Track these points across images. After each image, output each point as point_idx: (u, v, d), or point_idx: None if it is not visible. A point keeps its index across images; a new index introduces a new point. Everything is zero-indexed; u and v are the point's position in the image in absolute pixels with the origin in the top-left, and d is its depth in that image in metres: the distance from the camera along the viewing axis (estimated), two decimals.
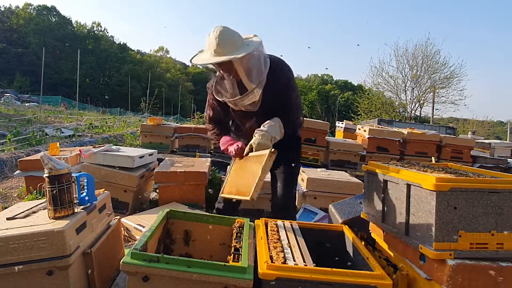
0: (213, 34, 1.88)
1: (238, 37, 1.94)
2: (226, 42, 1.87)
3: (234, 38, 1.91)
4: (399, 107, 22.00)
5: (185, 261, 1.27)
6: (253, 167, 1.82)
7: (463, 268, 1.28)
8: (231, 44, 1.88)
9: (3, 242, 1.35)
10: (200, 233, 1.83)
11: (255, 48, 1.92)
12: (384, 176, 1.69)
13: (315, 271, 1.34)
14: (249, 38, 2.01)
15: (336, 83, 56.96)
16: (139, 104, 26.92)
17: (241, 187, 1.87)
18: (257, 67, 1.96)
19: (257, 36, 2.03)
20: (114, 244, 1.94)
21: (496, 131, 26.41)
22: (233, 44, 1.88)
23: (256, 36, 2.03)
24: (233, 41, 1.89)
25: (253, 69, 1.95)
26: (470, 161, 6.14)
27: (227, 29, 1.91)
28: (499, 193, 1.35)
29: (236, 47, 1.88)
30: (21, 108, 16.52)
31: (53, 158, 1.54)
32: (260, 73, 1.97)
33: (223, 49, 1.86)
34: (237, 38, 1.93)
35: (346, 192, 3.30)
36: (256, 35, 2.03)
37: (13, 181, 4.31)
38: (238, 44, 1.91)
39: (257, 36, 2.03)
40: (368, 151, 6.04)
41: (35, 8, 48.14)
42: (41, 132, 8.45)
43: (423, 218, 1.40)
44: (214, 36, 1.87)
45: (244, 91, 2.00)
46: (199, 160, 3.79)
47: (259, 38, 2.01)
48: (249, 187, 1.72)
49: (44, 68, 13.67)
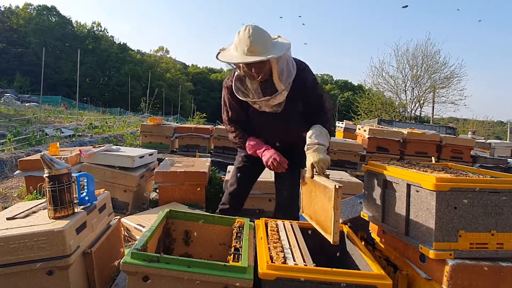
0: (245, 32, 1.85)
1: (269, 36, 1.94)
2: (259, 41, 1.85)
3: (266, 37, 1.90)
4: (399, 107, 21.99)
5: (185, 261, 1.27)
6: (324, 200, 1.68)
7: (463, 268, 1.28)
8: (263, 43, 1.86)
9: (3, 242, 1.34)
10: (200, 233, 1.83)
11: (288, 48, 1.92)
12: (384, 176, 1.69)
13: (315, 271, 1.34)
14: (275, 38, 2.00)
15: (336, 83, 56.99)
16: (139, 104, 26.92)
17: (320, 220, 1.77)
18: (287, 67, 1.96)
19: (281, 36, 2.02)
20: (114, 244, 1.94)
21: (496, 131, 26.41)
22: (265, 44, 1.87)
23: (281, 37, 2.02)
24: (265, 41, 1.88)
25: (284, 69, 1.94)
26: (470, 161, 6.14)
27: (259, 28, 1.90)
28: (499, 193, 1.35)
29: (268, 47, 1.88)
30: (21, 108, 16.52)
31: (53, 158, 1.54)
32: (289, 74, 1.96)
33: (256, 48, 1.84)
34: (268, 38, 1.92)
35: (346, 192, 3.29)
36: (281, 36, 2.03)
37: (13, 181, 4.31)
38: (270, 44, 1.90)
39: (282, 36, 2.02)
40: (368, 151, 6.04)
41: (35, 8, 48.14)
42: (41, 132, 8.45)
43: (423, 218, 1.40)
44: (247, 34, 1.84)
45: (268, 92, 1.98)
46: (199, 160, 3.80)
47: (286, 39, 2.01)
48: (328, 227, 1.65)
49: (44, 68, 13.67)
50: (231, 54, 1.94)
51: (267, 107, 2.05)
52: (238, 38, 1.88)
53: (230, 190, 2.38)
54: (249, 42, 1.84)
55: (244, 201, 2.46)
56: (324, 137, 1.97)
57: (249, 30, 1.85)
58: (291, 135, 2.20)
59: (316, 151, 1.88)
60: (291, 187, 2.28)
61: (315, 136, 1.95)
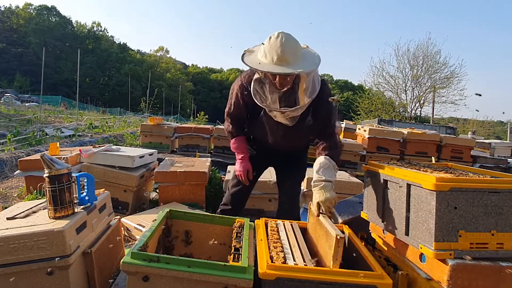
0: (277, 40, 1.78)
1: (300, 47, 1.88)
2: (291, 52, 1.79)
3: (297, 48, 1.85)
4: (400, 107, 21.99)
5: (185, 261, 1.27)
6: (325, 245, 1.61)
7: (463, 268, 1.28)
8: (294, 54, 1.80)
9: (3, 242, 1.35)
10: (200, 233, 1.83)
11: (319, 63, 1.87)
12: (384, 176, 1.69)
13: (315, 271, 1.34)
14: (304, 47, 1.94)
15: (336, 83, 56.99)
16: (139, 104, 26.91)
17: (320, 259, 1.66)
18: (313, 82, 1.90)
19: (309, 47, 1.97)
20: (114, 244, 1.94)
21: (496, 131, 26.39)
22: (295, 54, 1.81)
23: (309, 48, 1.97)
24: (296, 51, 1.82)
25: (310, 84, 1.88)
26: (470, 161, 6.14)
27: (292, 38, 1.83)
28: (499, 193, 1.35)
29: (298, 58, 1.82)
30: (21, 108, 16.53)
31: (53, 158, 1.54)
32: (314, 90, 1.91)
33: (287, 59, 1.77)
34: (299, 48, 1.86)
35: (346, 192, 3.30)
36: (309, 46, 1.98)
37: (13, 181, 4.31)
38: (300, 55, 1.84)
39: (309, 47, 1.97)
40: (368, 151, 6.04)
41: (35, 8, 48.14)
42: (41, 132, 8.45)
43: (423, 218, 1.40)
44: (279, 42, 1.78)
45: (287, 102, 1.90)
46: (199, 160, 3.80)
47: (314, 50, 1.96)
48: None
49: (44, 68, 13.66)
50: (258, 59, 1.86)
51: (282, 117, 1.99)
52: (269, 44, 1.81)
53: (232, 191, 2.37)
54: (280, 51, 1.76)
55: (246, 202, 2.45)
56: (331, 171, 1.88)
57: (281, 38, 1.78)
58: (293, 145, 2.21)
59: (323, 189, 1.79)
60: (291, 188, 2.29)
61: (322, 171, 1.86)
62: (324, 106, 2.01)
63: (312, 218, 1.85)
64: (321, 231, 1.67)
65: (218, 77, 63.28)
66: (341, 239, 1.46)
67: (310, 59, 1.87)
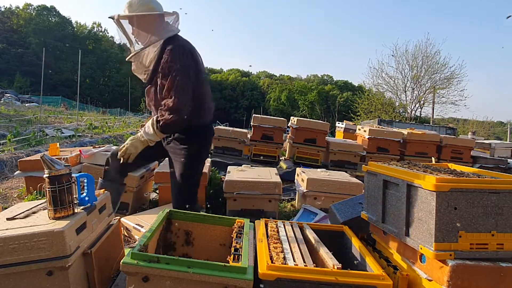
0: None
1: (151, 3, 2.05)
2: (132, 2, 2.03)
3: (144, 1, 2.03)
4: (399, 108, 21.99)
5: (185, 262, 1.27)
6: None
7: (463, 269, 1.28)
8: (134, 4, 2.03)
9: (3, 243, 1.34)
10: (200, 233, 1.83)
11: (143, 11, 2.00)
12: (384, 177, 1.69)
13: (315, 271, 1.34)
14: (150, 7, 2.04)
15: (336, 83, 57.03)
16: (139, 105, 26.93)
17: None
18: (148, 31, 2.03)
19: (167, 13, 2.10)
20: (114, 244, 1.94)
21: (496, 131, 26.40)
22: (136, 5, 2.03)
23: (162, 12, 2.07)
24: (138, 3, 2.03)
25: (142, 32, 2.04)
26: (470, 162, 6.14)
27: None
28: (499, 194, 1.35)
29: (134, 8, 2.02)
30: (21, 109, 16.52)
31: (53, 159, 1.54)
32: (147, 39, 2.03)
33: (124, 8, 2.04)
34: (147, 3, 2.04)
35: (346, 192, 3.30)
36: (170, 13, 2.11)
37: (13, 181, 4.31)
38: (141, 7, 2.03)
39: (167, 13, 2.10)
40: (368, 152, 6.04)
41: (35, 9, 48.17)
42: (41, 132, 8.45)
43: (423, 218, 1.40)
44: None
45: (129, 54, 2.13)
46: None
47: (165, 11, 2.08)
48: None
49: (44, 69, 13.68)
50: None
51: (135, 70, 2.13)
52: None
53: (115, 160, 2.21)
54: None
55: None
56: (145, 129, 2.02)
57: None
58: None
59: (130, 140, 2.07)
60: (173, 178, 2.14)
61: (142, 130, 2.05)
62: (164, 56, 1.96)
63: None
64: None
65: (218, 77, 63.23)
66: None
67: (143, 9, 2.00)
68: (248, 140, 6.03)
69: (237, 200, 3.15)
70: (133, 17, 1.99)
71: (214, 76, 63.74)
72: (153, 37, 2.00)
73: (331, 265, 1.42)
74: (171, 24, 2.09)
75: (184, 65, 1.93)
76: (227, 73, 66.08)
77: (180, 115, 1.91)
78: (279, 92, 51.21)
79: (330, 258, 1.50)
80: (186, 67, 1.94)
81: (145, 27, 2.01)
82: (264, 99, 54.77)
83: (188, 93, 1.94)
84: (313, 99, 46.37)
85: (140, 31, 2.03)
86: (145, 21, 2.00)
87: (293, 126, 6.01)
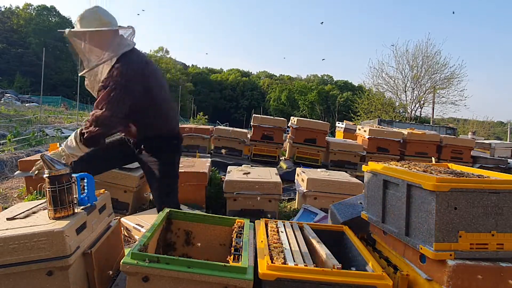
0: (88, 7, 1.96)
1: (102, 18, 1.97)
2: (83, 16, 1.96)
3: (94, 16, 1.95)
4: (399, 108, 21.98)
5: (185, 262, 1.27)
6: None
7: (464, 269, 1.28)
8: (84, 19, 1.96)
9: (3, 243, 1.34)
10: (200, 234, 1.83)
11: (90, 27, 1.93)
12: (384, 177, 1.69)
13: (315, 271, 1.34)
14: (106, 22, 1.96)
15: (336, 83, 57.03)
16: None
17: None
18: (98, 50, 1.95)
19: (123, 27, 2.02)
20: (114, 244, 1.94)
21: (496, 131, 26.39)
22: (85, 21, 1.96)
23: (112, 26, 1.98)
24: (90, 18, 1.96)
25: (93, 51, 1.95)
26: (470, 162, 6.14)
27: (99, 11, 1.97)
28: (499, 194, 1.35)
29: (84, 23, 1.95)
30: (21, 109, 16.52)
31: (53, 159, 1.54)
32: (96, 58, 1.94)
33: (76, 23, 1.99)
34: (98, 18, 1.96)
35: (346, 192, 3.30)
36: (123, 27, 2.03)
37: (13, 181, 4.31)
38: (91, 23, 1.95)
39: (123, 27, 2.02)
40: (368, 152, 6.04)
41: (35, 9, 48.14)
42: (41, 132, 8.46)
43: (423, 218, 1.40)
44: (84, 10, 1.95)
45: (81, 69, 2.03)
46: (199, 161, 3.80)
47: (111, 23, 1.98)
48: None
49: (44, 69, 13.68)
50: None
51: (88, 87, 2.03)
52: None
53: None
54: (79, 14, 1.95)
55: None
56: (67, 144, 1.90)
57: (92, 7, 1.95)
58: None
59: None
60: (152, 187, 2.19)
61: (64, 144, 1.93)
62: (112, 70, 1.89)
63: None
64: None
65: (218, 77, 63.25)
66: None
67: (96, 24, 1.92)
68: (248, 140, 6.04)
69: (237, 200, 3.15)
70: (86, 33, 1.91)
71: (214, 76, 63.75)
72: (107, 54, 1.90)
73: (331, 265, 1.42)
74: (125, 38, 2.00)
75: (128, 80, 1.85)
76: (227, 73, 66.08)
77: (107, 128, 1.85)
78: (279, 92, 51.22)
79: (330, 258, 1.50)
80: (130, 82, 1.86)
81: (99, 43, 1.92)
82: (264, 99, 54.77)
83: (122, 108, 1.85)
84: (313, 99, 46.36)
85: (93, 47, 1.93)
86: (99, 36, 1.91)
87: (293, 126, 6.01)
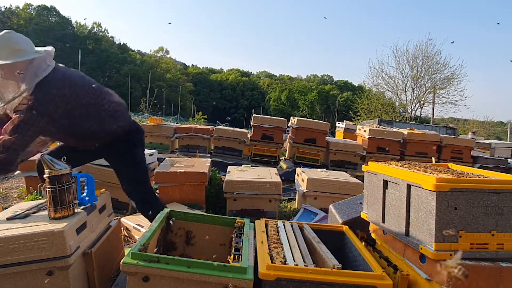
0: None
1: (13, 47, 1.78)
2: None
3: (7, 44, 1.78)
4: (400, 108, 21.97)
5: (185, 261, 1.27)
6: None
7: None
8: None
9: (3, 242, 1.35)
10: (200, 234, 1.83)
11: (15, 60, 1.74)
12: (384, 177, 1.69)
13: (315, 271, 1.34)
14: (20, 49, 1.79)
15: (336, 83, 57.00)
16: (139, 105, 26.92)
17: None
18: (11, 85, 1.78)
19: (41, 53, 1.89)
20: (114, 244, 1.94)
21: (497, 131, 26.39)
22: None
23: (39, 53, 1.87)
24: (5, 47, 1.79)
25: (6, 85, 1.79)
26: (471, 162, 6.14)
27: (11, 36, 1.80)
28: (499, 194, 1.35)
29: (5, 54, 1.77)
30: None
31: (53, 159, 1.54)
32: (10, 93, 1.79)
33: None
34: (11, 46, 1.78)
35: (346, 192, 3.30)
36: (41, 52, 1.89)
37: (13, 181, 4.31)
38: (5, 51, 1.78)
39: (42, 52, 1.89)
40: (368, 152, 6.04)
41: (35, 9, 48.14)
42: None
43: (423, 218, 1.40)
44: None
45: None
46: (199, 161, 3.79)
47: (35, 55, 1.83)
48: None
49: None
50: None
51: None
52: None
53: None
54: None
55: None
56: None
57: (4, 33, 1.76)
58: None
59: None
60: (123, 183, 2.21)
61: None
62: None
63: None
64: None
65: (218, 77, 63.23)
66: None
67: (3, 54, 1.73)
68: (248, 140, 6.04)
69: (237, 200, 3.15)
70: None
71: (214, 76, 63.72)
72: (22, 86, 1.74)
73: (331, 265, 1.42)
74: (43, 61, 1.84)
75: (41, 105, 1.73)
76: (227, 73, 66.05)
77: (14, 153, 1.72)
78: (279, 92, 51.18)
79: (330, 258, 1.50)
80: (43, 107, 1.74)
81: (11, 75, 1.74)
82: (264, 99, 54.74)
83: (31, 133, 1.74)
84: (313, 99, 46.33)
85: (6, 80, 1.75)
86: (10, 68, 1.73)
87: (293, 126, 6.01)
